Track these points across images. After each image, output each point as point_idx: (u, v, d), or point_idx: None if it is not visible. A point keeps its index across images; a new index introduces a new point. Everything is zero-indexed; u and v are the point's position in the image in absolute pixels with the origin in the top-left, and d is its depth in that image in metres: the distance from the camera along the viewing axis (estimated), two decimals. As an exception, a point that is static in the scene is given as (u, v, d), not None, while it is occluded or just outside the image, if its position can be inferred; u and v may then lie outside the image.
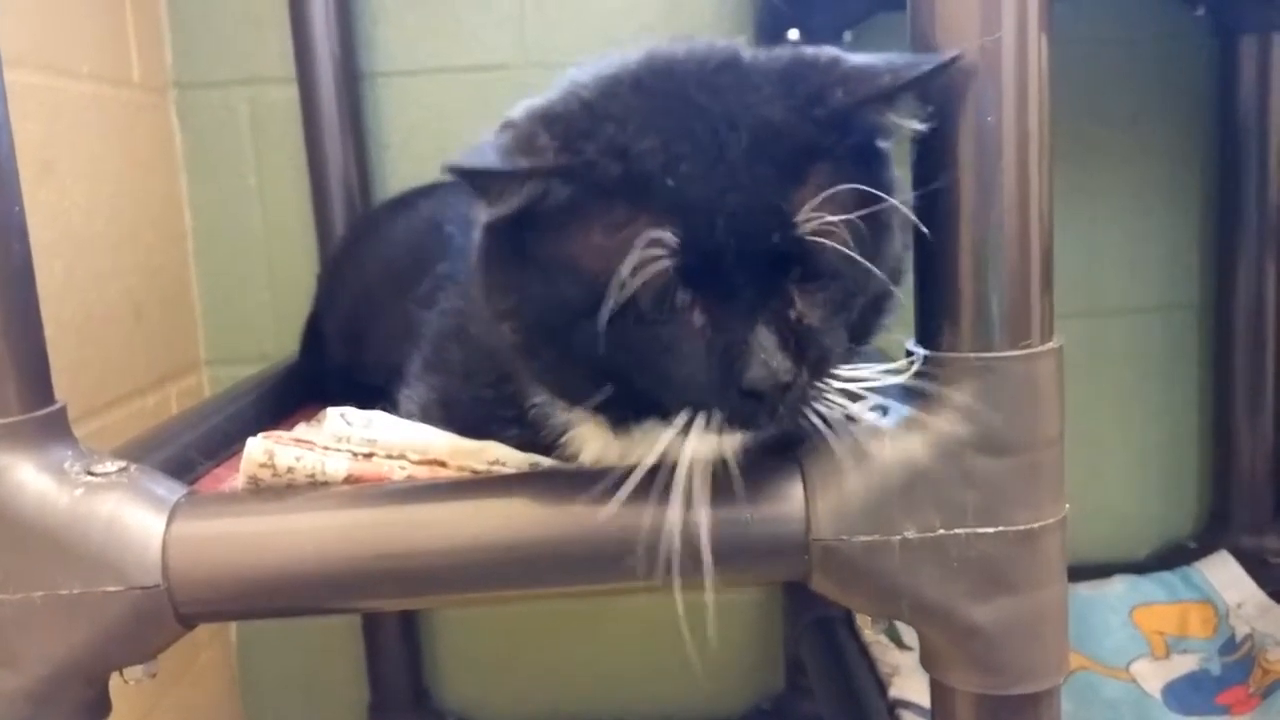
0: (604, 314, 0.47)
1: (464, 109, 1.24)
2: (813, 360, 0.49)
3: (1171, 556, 1.29)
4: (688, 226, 0.46)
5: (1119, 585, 1.24)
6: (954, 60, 0.48)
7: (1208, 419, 1.32)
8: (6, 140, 0.52)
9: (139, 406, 1.12)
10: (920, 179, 0.52)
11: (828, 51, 0.52)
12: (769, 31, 1.19)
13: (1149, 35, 1.26)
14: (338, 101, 1.18)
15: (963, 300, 0.51)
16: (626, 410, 0.52)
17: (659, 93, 0.50)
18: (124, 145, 1.12)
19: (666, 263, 0.46)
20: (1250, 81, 1.22)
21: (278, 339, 1.25)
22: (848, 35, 1.20)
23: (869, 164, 0.51)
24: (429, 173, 1.14)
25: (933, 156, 0.50)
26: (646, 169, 0.47)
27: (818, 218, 0.47)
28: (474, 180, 0.49)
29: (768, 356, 0.47)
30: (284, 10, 1.18)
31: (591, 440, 0.57)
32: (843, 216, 0.47)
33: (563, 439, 0.58)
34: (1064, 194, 1.25)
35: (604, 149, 0.48)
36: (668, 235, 0.46)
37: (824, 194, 0.47)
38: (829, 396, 0.51)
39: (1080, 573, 1.24)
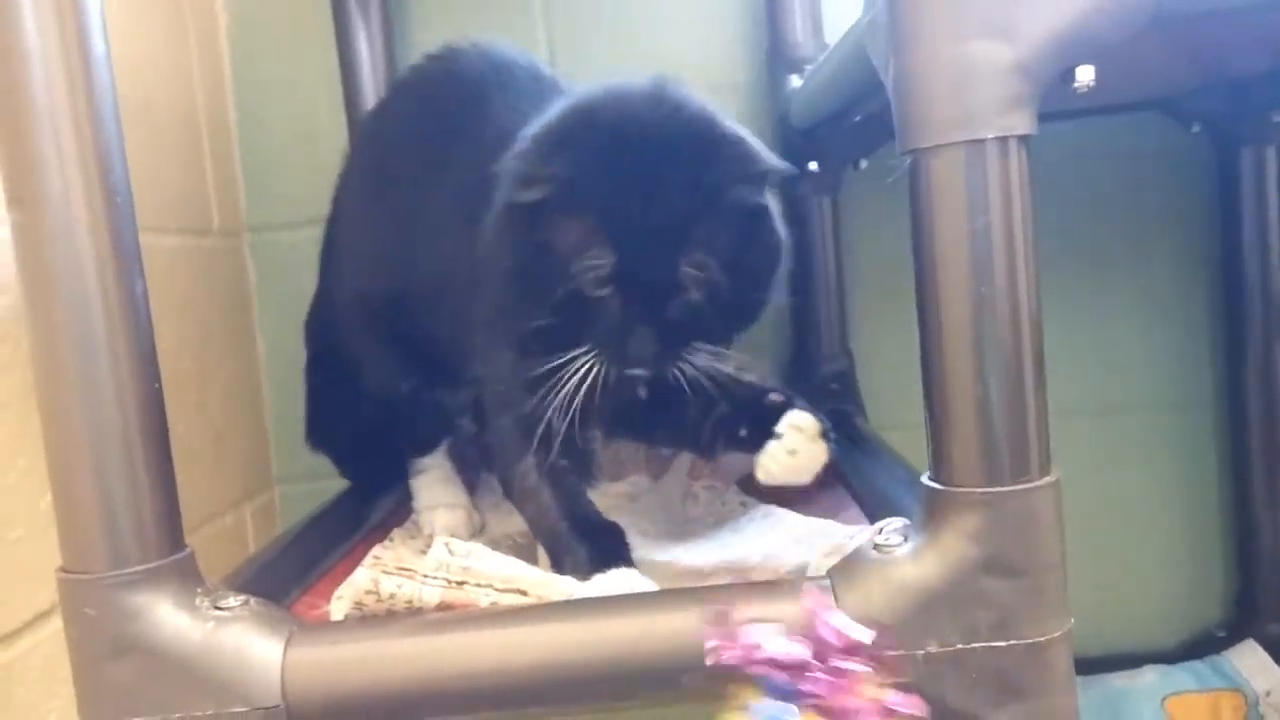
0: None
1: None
2: (672, 345, 0.76)
3: (1201, 646, 1.33)
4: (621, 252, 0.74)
5: (1150, 675, 1.28)
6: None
7: (1229, 510, 1.36)
8: (146, 325, 0.62)
9: (219, 526, 1.21)
10: (926, 336, 0.60)
11: (731, 135, 0.79)
12: (789, 161, 1.27)
13: (1151, 149, 1.34)
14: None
15: (968, 441, 0.58)
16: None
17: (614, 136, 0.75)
18: (205, 288, 1.23)
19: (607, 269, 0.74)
20: (1250, 190, 1.29)
21: (343, 457, 1.33)
22: (864, 163, 1.29)
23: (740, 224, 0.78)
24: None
25: (936, 319, 0.59)
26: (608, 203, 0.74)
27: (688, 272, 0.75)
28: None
29: (642, 345, 0.75)
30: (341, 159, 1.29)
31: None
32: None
33: None
34: (1076, 296, 1.34)
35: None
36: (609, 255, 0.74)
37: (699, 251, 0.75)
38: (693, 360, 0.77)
39: (1112, 663, 1.29)
